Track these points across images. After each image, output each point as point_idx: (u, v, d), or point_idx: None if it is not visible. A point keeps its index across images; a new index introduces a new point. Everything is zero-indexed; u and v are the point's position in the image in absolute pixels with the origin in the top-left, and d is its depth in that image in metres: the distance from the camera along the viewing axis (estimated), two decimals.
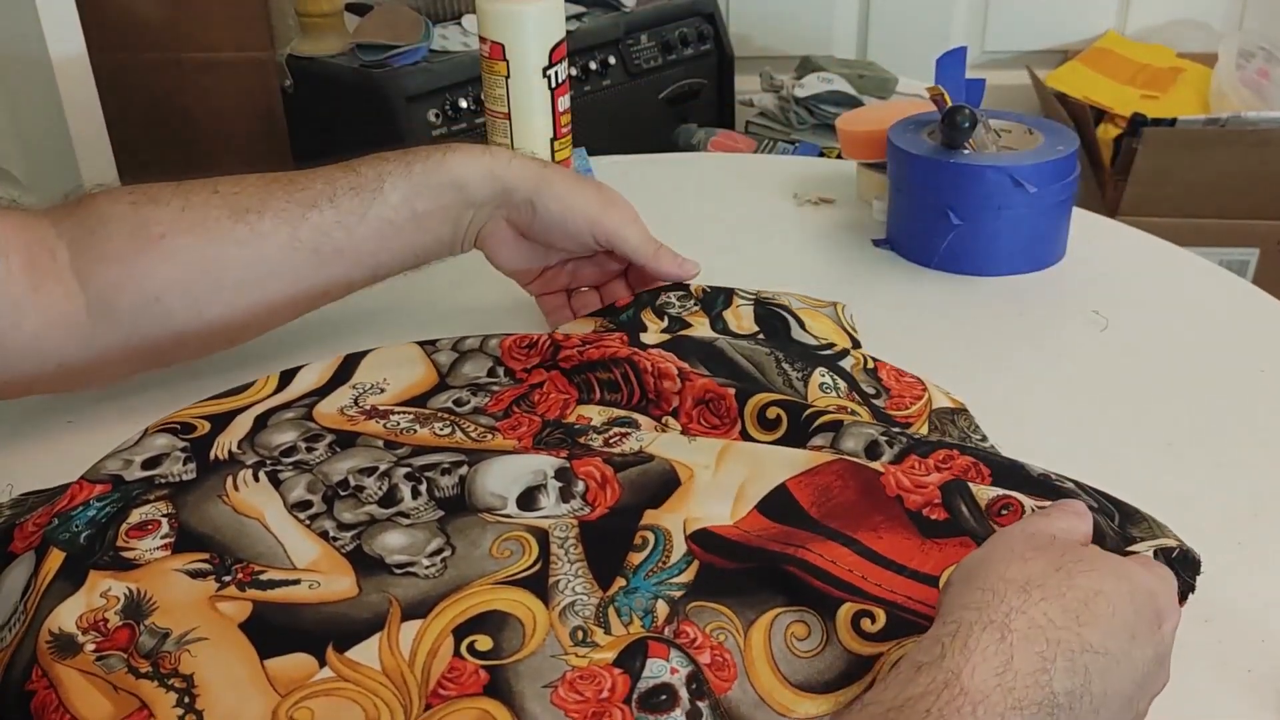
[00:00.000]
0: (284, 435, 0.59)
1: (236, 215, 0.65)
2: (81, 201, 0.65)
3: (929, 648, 0.40)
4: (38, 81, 1.45)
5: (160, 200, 0.65)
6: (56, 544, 0.51)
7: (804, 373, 0.65)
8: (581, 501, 0.54)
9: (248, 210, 0.65)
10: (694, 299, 0.73)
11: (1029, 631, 0.40)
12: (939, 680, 0.38)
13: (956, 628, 0.40)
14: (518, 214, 0.71)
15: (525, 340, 0.67)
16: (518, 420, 0.61)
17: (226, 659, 0.46)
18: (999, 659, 0.39)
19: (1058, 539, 0.45)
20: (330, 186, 0.68)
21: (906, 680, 0.39)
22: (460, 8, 1.75)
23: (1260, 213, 1.63)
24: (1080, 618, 0.40)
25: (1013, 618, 0.40)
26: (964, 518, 0.52)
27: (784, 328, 0.72)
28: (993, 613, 0.40)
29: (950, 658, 0.39)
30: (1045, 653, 0.39)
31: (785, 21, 2.12)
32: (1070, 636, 0.40)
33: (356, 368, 0.66)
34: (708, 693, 0.45)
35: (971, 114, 0.86)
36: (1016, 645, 0.39)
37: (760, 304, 0.73)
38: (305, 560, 0.51)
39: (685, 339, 0.67)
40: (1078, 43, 2.06)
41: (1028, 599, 0.41)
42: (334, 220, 0.67)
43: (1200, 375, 0.73)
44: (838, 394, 0.65)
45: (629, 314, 0.72)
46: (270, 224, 0.66)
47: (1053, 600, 0.41)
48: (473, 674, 0.45)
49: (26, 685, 0.46)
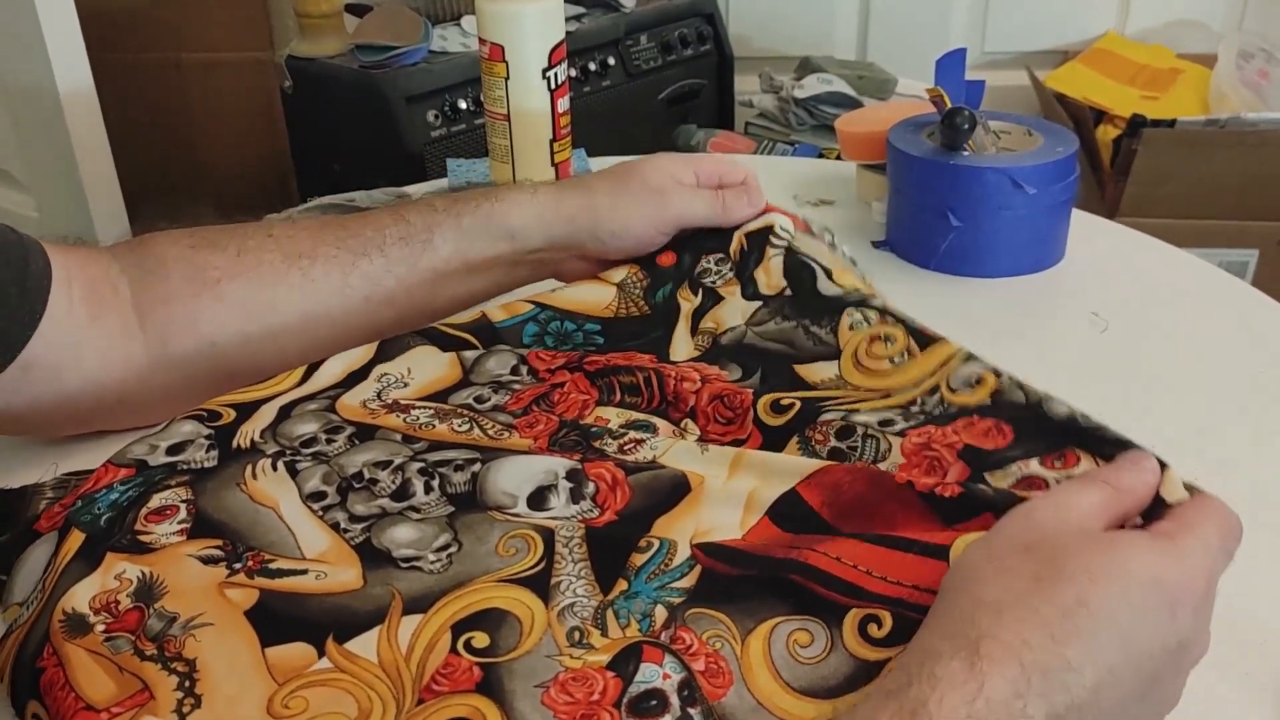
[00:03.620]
0: (305, 426, 0.60)
1: (290, 260, 0.66)
2: (143, 242, 0.66)
3: (897, 675, 0.39)
4: (37, 82, 1.45)
5: (218, 245, 0.66)
6: (78, 525, 0.53)
7: (832, 325, 0.65)
8: (591, 503, 0.54)
9: (300, 255, 0.66)
10: (731, 262, 0.71)
11: (1001, 656, 0.38)
12: (905, 708, 0.37)
13: (924, 656, 0.39)
14: (585, 249, 0.71)
15: None
16: (535, 419, 0.62)
17: (229, 645, 0.47)
18: (968, 689, 0.37)
19: (1048, 537, 0.43)
20: (379, 235, 0.68)
21: (877, 707, 0.38)
22: (460, 8, 1.75)
23: (1260, 213, 1.63)
24: (1055, 634, 0.39)
25: (983, 643, 0.38)
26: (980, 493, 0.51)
27: (810, 279, 0.70)
28: (963, 640, 0.39)
29: (917, 686, 0.38)
30: (1018, 678, 0.38)
31: (785, 22, 2.12)
32: (1046, 656, 0.38)
33: (382, 359, 0.66)
34: (700, 700, 0.44)
35: (971, 115, 0.86)
36: (987, 672, 0.38)
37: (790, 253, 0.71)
38: (315, 551, 0.52)
39: (714, 350, 0.67)
40: (1077, 43, 2.06)
41: (998, 621, 0.39)
42: (383, 269, 0.67)
43: (1200, 375, 0.73)
44: (869, 324, 0.64)
45: (665, 291, 0.71)
46: (321, 270, 0.66)
47: (1027, 619, 0.39)
48: (467, 670, 0.45)
49: (38, 662, 0.47)
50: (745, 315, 0.68)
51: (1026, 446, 0.53)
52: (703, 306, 0.70)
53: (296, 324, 0.66)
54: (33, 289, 0.60)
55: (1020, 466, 0.52)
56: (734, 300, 0.69)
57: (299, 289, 0.66)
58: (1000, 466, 0.52)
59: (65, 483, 0.61)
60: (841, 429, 0.58)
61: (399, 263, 0.68)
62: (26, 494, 0.60)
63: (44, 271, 0.61)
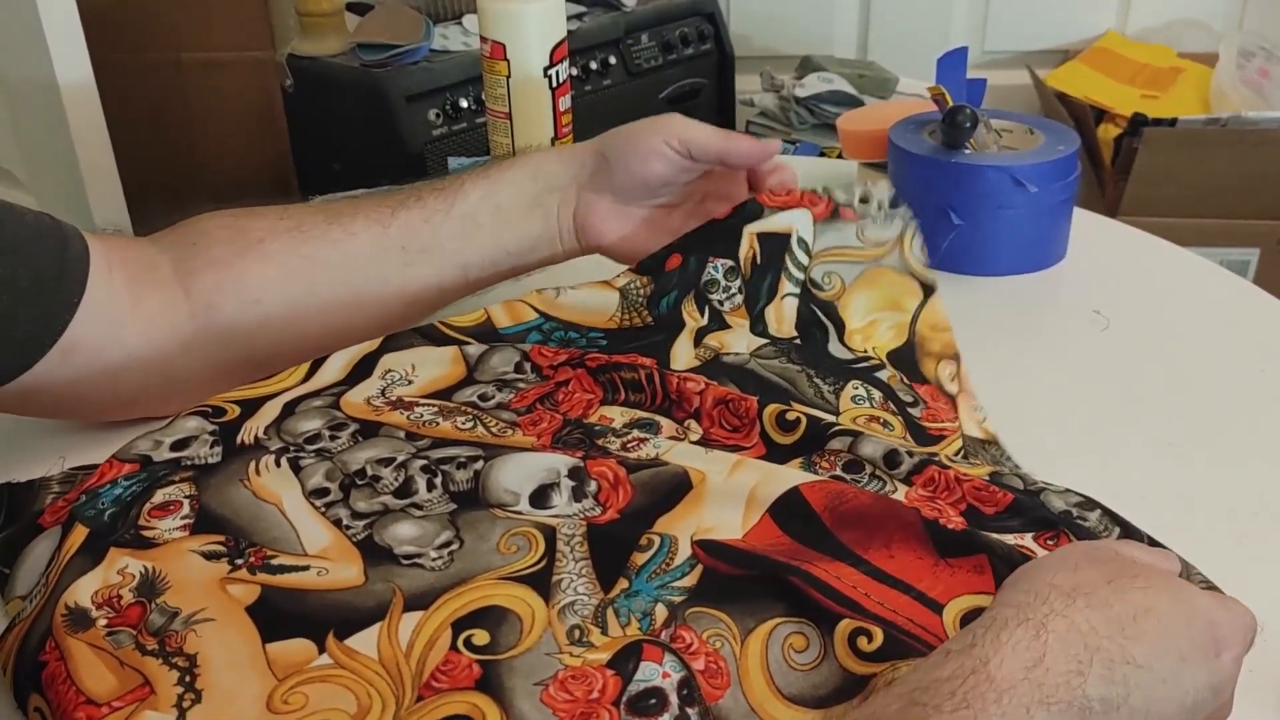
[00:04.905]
0: (309, 423, 0.60)
1: (331, 218, 0.69)
2: (182, 224, 0.69)
3: (961, 637, 0.40)
4: (38, 80, 1.45)
5: (258, 214, 0.69)
6: (82, 520, 0.53)
7: (836, 386, 0.65)
8: (593, 501, 0.54)
9: (341, 214, 0.70)
10: (740, 275, 0.71)
11: (1067, 634, 0.39)
12: (966, 666, 0.38)
13: (991, 622, 0.40)
14: (598, 177, 0.73)
15: None
16: (539, 416, 0.62)
17: (230, 641, 0.47)
18: (1030, 654, 0.38)
19: (1121, 555, 0.44)
20: (416, 191, 0.72)
21: (935, 665, 0.39)
22: (461, 7, 1.75)
23: (1260, 213, 1.63)
24: (1126, 630, 0.40)
25: (1051, 619, 0.39)
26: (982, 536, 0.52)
27: (823, 337, 0.71)
28: (1032, 612, 0.40)
29: (980, 647, 0.39)
30: (1082, 656, 0.39)
31: (786, 21, 2.12)
32: (1112, 646, 0.39)
33: (384, 355, 0.66)
34: (698, 699, 0.44)
35: (972, 114, 0.86)
36: (1051, 645, 0.39)
37: (806, 299, 0.71)
38: (316, 547, 0.52)
39: (715, 364, 0.67)
40: (1078, 43, 2.06)
41: (1071, 604, 0.40)
42: (420, 218, 0.70)
43: (1200, 375, 0.73)
44: (871, 404, 0.65)
45: (670, 299, 0.70)
46: (361, 224, 0.69)
47: (1098, 609, 0.40)
48: (466, 668, 0.45)
49: (40, 656, 0.47)
50: (750, 346, 0.69)
51: (1023, 520, 0.54)
52: (707, 327, 0.70)
53: (336, 280, 0.68)
54: (71, 273, 0.61)
55: (1016, 539, 0.53)
56: (741, 331, 0.70)
57: (340, 242, 0.68)
58: (997, 533, 0.53)
59: (71, 477, 0.61)
60: (849, 462, 0.58)
61: (434, 211, 0.70)
62: (33, 488, 0.60)
63: (82, 256, 0.62)
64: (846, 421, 0.63)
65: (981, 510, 0.55)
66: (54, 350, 0.60)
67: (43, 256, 0.60)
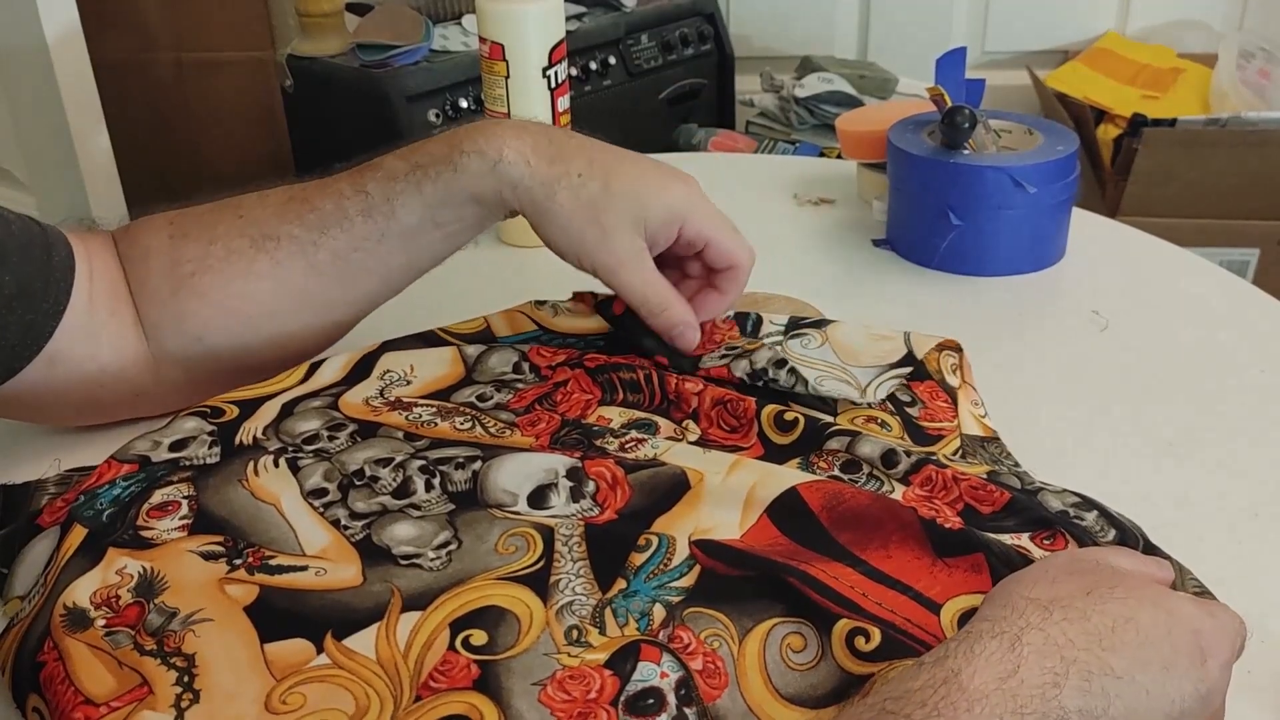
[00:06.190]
0: (308, 423, 0.60)
1: (257, 245, 0.64)
2: (130, 230, 0.66)
3: (936, 651, 0.40)
4: (38, 82, 1.45)
5: (191, 235, 0.65)
6: (80, 520, 0.53)
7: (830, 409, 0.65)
8: (591, 502, 0.54)
9: (266, 238, 0.64)
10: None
11: (1043, 646, 0.39)
12: (938, 677, 0.38)
13: (966, 635, 0.40)
14: None
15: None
16: (537, 417, 0.62)
17: (229, 641, 0.47)
18: (1004, 666, 0.38)
19: (1102, 565, 0.44)
20: (340, 209, 0.64)
21: (909, 676, 0.39)
22: (460, 8, 1.75)
23: (1260, 213, 1.63)
24: (1104, 641, 0.40)
25: (1027, 632, 0.40)
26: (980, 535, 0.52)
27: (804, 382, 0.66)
28: (1007, 625, 0.40)
29: (954, 659, 0.39)
30: (1058, 668, 0.39)
31: (785, 22, 2.12)
32: (1089, 658, 0.39)
33: (383, 356, 0.66)
34: (696, 699, 0.44)
35: (971, 114, 0.86)
36: (1026, 657, 0.39)
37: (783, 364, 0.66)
38: (315, 547, 0.52)
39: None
40: (1078, 43, 2.06)
41: (1047, 617, 0.40)
42: (349, 246, 0.64)
43: (1200, 375, 0.73)
44: (869, 404, 0.65)
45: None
46: (286, 252, 0.64)
47: (1075, 621, 0.40)
48: (464, 668, 0.45)
49: (38, 656, 0.47)
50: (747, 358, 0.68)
51: (1019, 520, 0.54)
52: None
53: (274, 309, 0.65)
54: (56, 281, 0.61)
55: (1013, 538, 0.53)
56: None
57: (269, 276, 0.64)
58: (994, 533, 0.53)
59: (68, 478, 0.61)
60: (847, 462, 0.58)
61: (365, 238, 0.64)
62: (29, 489, 0.60)
63: (66, 263, 0.62)
64: (844, 421, 0.63)
65: (978, 510, 0.55)
66: (39, 359, 0.60)
67: (28, 264, 0.59)
